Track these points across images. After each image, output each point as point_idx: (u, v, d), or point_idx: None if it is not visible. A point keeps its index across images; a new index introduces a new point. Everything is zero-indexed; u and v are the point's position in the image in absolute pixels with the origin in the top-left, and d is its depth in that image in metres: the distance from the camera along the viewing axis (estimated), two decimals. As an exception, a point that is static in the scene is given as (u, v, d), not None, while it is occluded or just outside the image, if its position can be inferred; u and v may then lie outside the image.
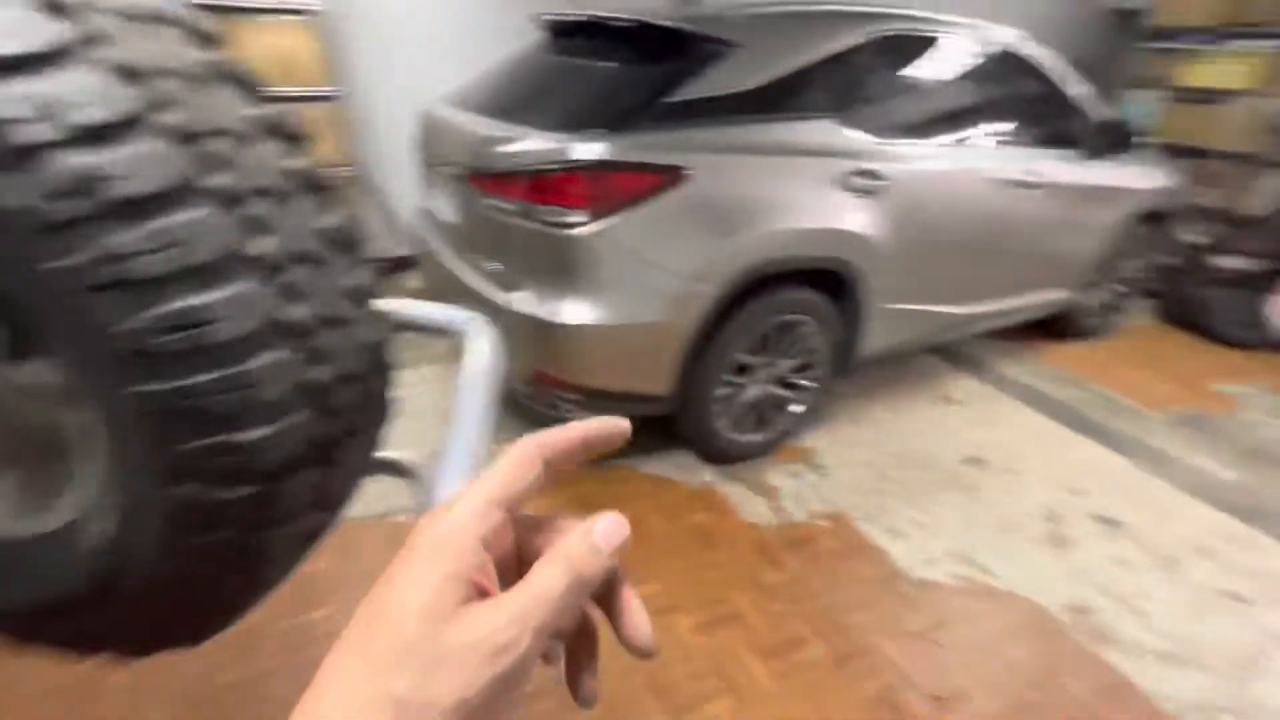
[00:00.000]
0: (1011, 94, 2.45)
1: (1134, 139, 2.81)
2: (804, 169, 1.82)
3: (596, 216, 1.59)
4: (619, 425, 0.30)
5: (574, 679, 0.28)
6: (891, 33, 1.94)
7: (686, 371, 1.90)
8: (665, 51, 1.78)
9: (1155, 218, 3.08)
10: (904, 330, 2.38)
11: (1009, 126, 2.41)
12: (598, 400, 1.81)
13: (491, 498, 0.26)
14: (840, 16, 1.90)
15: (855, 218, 1.93)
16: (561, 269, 1.67)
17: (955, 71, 2.23)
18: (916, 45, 2.10)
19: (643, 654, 0.27)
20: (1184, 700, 1.49)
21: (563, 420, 0.27)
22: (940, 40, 2.15)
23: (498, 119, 1.86)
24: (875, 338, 2.27)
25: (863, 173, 1.93)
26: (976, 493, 2.14)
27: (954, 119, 2.23)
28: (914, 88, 2.15)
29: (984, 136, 2.33)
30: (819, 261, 1.92)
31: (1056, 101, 2.61)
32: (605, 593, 0.28)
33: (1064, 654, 1.59)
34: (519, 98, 1.99)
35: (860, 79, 1.92)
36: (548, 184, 1.64)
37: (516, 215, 1.71)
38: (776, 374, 2.13)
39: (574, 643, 0.29)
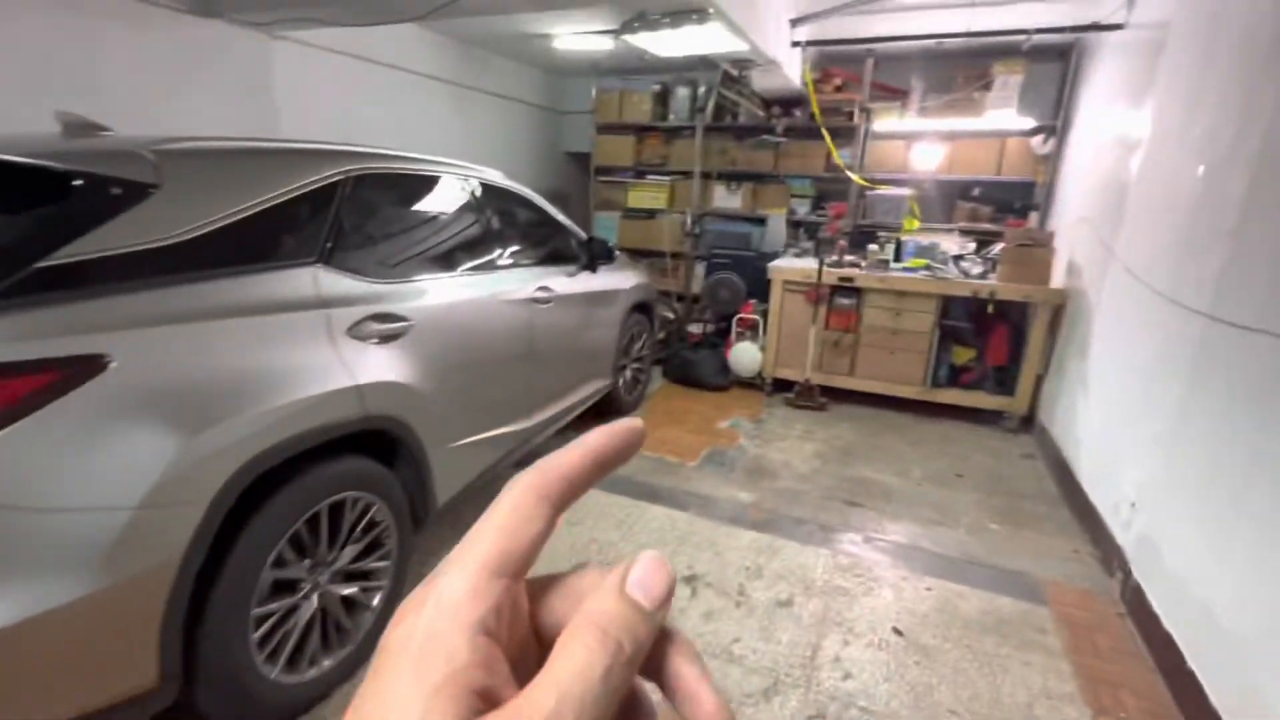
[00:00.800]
0: (508, 224, 2.67)
1: (615, 249, 3.46)
2: (294, 327, 1.50)
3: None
4: (632, 426, 0.24)
5: None
6: (366, 171, 1.83)
7: (189, 632, 1.30)
8: (29, 197, 1.23)
9: (642, 307, 3.86)
10: (475, 462, 2.25)
11: (513, 252, 2.60)
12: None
13: (486, 564, 0.20)
14: (296, 154, 1.69)
15: (379, 367, 1.70)
16: None
17: (450, 207, 2.29)
18: (402, 183, 2.05)
19: None
20: (788, 727, 1.67)
21: None
22: (424, 178, 2.17)
23: None
24: (447, 481, 2.06)
25: (376, 317, 1.73)
26: (588, 603, 2.12)
27: (460, 251, 2.27)
28: (414, 225, 2.10)
29: (493, 264, 2.45)
30: (347, 426, 1.60)
31: (548, 226, 2.99)
32: (653, 658, 0.21)
33: (700, 742, 1.62)
34: None
35: (346, 220, 1.74)
36: None
37: None
38: (338, 570, 1.68)
39: None
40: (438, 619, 0.18)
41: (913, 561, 2.47)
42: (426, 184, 2.18)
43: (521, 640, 0.21)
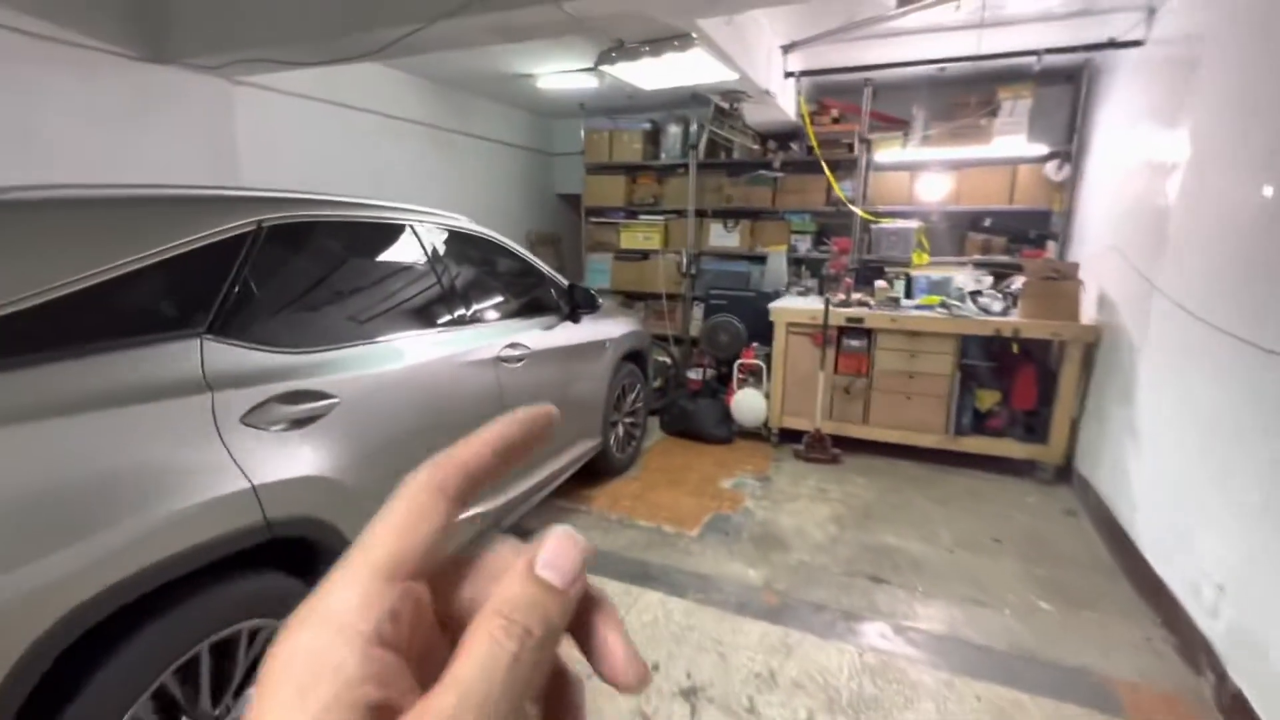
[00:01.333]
0: (475, 275, 2.38)
1: (597, 297, 3.15)
2: (157, 420, 1.16)
3: None
4: (540, 413, 0.23)
5: None
6: (286, 220, 1.53)
7: None
8: None
9: (634, 356, 3.53)
10: (430, 555, 1.89)
11: (479, 307, 2.30)
12: None
13: (378, 568, 0.18)
14: (191, 203, 1.39)
15: (289, 460, 1.37)
16: None
17: (399, 258, 2.00)
18: (335, 233, 1.76)
19: (627, 688, 0.20)
20: None
21: None
22: (365, 226, 1.88)
23: None
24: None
25: (286, 397, 1.41)
26: None
27: (411, 309, 1.97)
28: (350, 282, 1.81)
29: (453, 321, 2.14)
30: (239, 540, 1.26)
31: (523, 276, 2.70)
32: (576, 621, 0.20)
33: None
34: None
35: (254, 279, 1.43)
36: None
37: None
38: (233, 720, 1.32)
39: (552, 698, 0.21)
40: (323, 633, 0.17)
41: (954, 658, 2.07)
42: (368, 233, 1.89)
43: (426, 641, 0.19)
